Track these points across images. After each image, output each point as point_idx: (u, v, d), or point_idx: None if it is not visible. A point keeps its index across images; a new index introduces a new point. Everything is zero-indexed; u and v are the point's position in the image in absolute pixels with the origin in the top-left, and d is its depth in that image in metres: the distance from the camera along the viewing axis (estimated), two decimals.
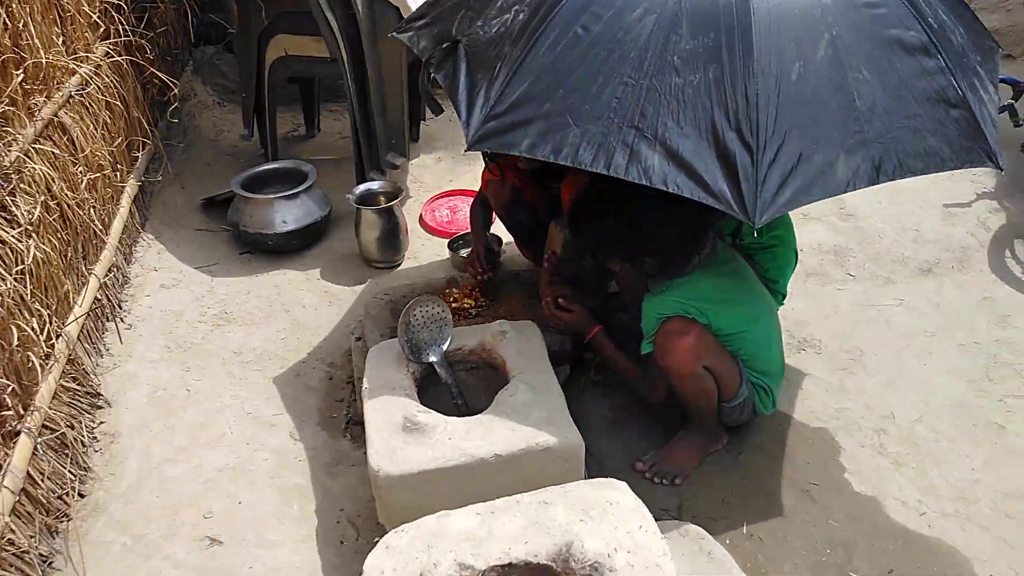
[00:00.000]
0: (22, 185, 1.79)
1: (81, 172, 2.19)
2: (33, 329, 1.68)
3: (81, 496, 1.87)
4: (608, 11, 1.58)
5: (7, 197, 1.70)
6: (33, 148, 1.90)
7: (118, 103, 2.46)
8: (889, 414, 2.21)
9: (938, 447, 2.10)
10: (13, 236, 1.68)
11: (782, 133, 1.49)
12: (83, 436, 1.87)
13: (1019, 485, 1.98)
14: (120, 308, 2.38)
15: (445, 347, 1.97)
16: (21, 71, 1.88)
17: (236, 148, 3.55)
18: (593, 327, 2.10)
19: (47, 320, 1.83)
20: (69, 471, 1.76)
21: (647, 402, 2.15)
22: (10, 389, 1.58)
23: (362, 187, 2.85)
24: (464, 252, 2.90)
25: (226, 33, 3.63)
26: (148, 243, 2.76)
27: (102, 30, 2.51)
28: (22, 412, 1.65)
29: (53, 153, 2.01)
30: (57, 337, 1.89)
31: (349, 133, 3.71)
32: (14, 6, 1.89)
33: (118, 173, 2.49)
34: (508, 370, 1.91)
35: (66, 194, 2.04)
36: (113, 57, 2.50)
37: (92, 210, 2.21)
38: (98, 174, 2.29)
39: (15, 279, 1.67)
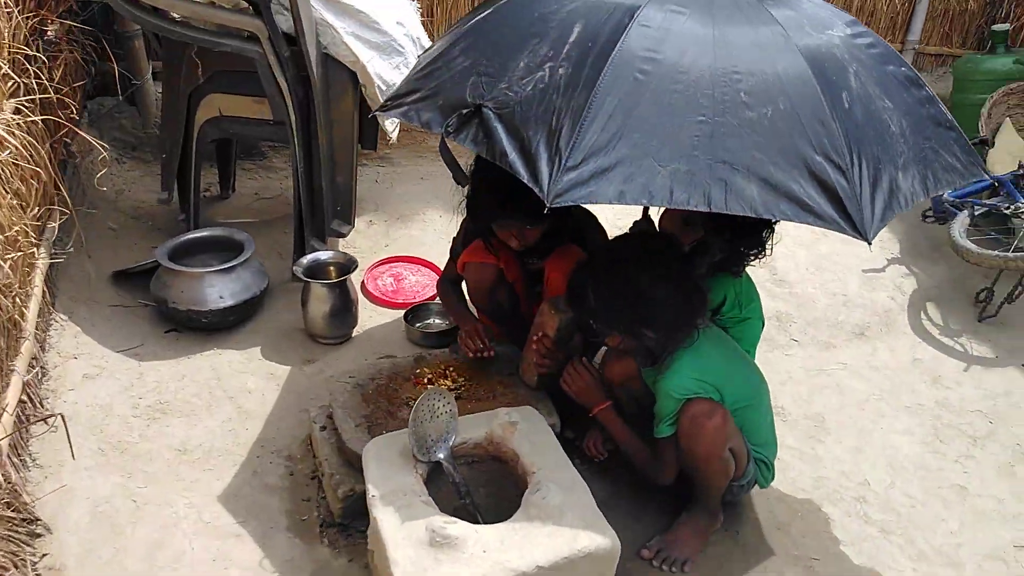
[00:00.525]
0: None
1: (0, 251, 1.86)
2: None
3: None
4: (661, 55, 1.58)
5: None
6: None
7: (33, 167, 2.14)
8: (864, 480, 2.29)
9: (915, 512, 2.19)
10: None
11: (857, 155, 1.56)
12: (27, 575, 1.55)
13: (993, 545, 2.10)
14: (43, 407, 2.04)
15: (452, 442, 1.83)
16: None
17: (140, 210, 3.20)
18: (605, 400, 2.05)
19: None
20: None
21: (643, 482, 2.10)
22: None
23: (309, 258, 2.64)
24: (420, 325, 2.76)
25: (128, 84, 3.30)
26: (62, 325, 2.39)
27: (11, 84, 2.18)
28: None
29: None
30: None
31: (267, 193, 3.53)
32: None
33: (34, 248, 2.15)
34: (524, 466, 1.79)
35: None
36: (27, 115, 2.18)
37: (16, 298, 1.89)
38: (18, 252, 1.97)
39: None
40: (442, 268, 3.06)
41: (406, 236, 3.34)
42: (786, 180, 1.50)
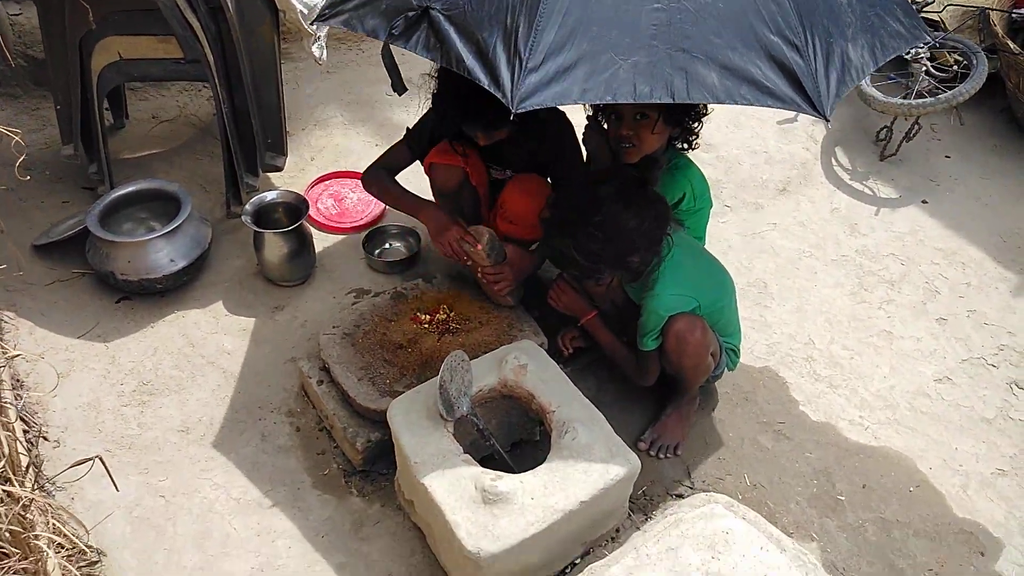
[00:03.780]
0: None
1: None
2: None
3: None
4: None
5: None
6: None
7: None
8: (809, 340, 2.59)
9: (853, 363, 2.53)
10: None
11: (810, 30, 1.56)
12: None
13: (919, 383, 2.48)
14: (33, 423, 1.96)
15: (471, 393, 1.93)
16: None
17: (32, 159, 2.88)
18: (590, 311, 2.20)
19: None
20: None
21: (626, 382, 2.30)
22: None
23: (253, 201, 2.50)
24: (378, 252, 2.73)
25: None
26: (13, 323, 2.24)
27: None
28: None
29: None
30: (30, 504, 1.55)
31: (165, 115, 3.25)
32: None
33: None
34: (542, 404, 1.93)
35: None
36: None
37: None
38: None
39: None
40: None
41: (331, 146, 3.19)
42: (744, 64, 1.49)
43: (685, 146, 2.26)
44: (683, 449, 2.23)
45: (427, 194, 2.42)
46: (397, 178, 2.39)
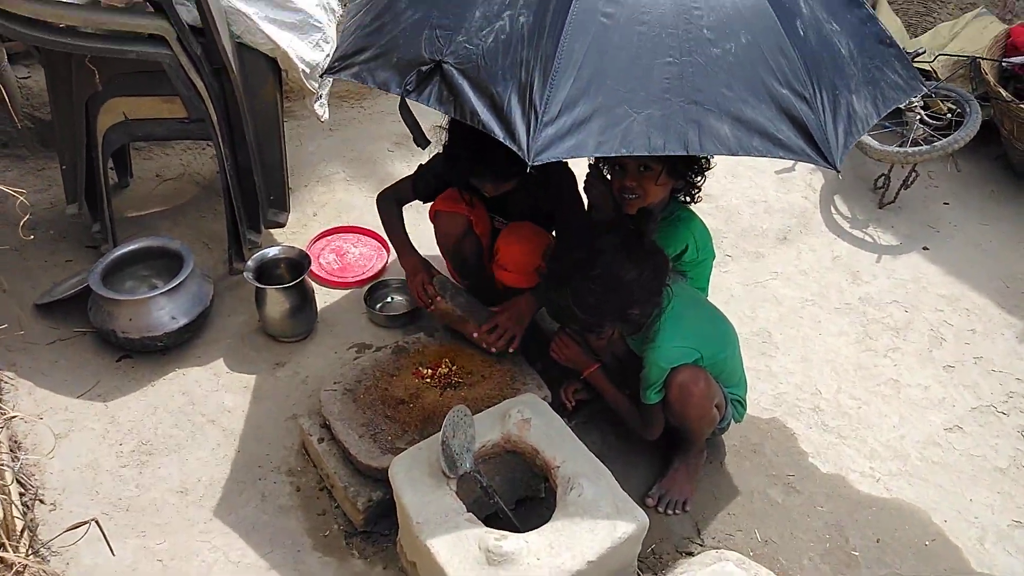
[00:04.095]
0: None
1: None
2: None
3: None
4: None
5: None
6: None
7: None
8: (816, 390, 2.56)
9: (862, 413, 2.49)
10: None
11: (817, 82, 1.59)
12: None
13: (928, 432, 2.44)
14: (30, 486, 1.93)
15: (474, 450, 1.90)
16: None
17: (37, 218, 2.89)
18: (593, 363, 2.18)
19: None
20: None
21: (631, 433, 2.27)
22: None
23: (255, 257, 2.51)
24: (380, 306, 2.73)
25: None
26: (12, 384, 2.22)
27: None
28: None
29: None
30: (23, 571, 1.51)
31: (169, 173, 3.28)
32: None
33: None
34: (546, 460, 1.89)
35: None
36: None
37: None
38: None
39: None
40: (383, 235, 3.02)
41: (333, 202, 3.21)
42: (756, 116, 1.52)
43: (688, 199, 2.27)
44: (691, 504, 2.18)
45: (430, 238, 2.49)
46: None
